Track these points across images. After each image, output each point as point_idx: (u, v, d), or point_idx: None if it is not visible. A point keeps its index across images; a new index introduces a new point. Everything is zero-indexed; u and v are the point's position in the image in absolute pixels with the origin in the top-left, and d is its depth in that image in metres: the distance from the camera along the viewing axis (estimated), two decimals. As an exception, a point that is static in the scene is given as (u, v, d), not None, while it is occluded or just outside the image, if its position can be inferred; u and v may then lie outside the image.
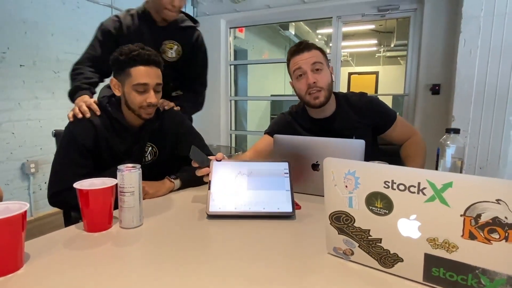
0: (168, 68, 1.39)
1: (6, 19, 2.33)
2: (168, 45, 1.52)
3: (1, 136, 2.37)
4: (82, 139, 1.04)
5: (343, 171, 0.59)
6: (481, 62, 2.58)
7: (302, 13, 3.59)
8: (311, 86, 1.17)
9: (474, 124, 2.64)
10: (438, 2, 2.92)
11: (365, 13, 3.35)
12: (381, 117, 1.26)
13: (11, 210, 0.59)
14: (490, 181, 0.47)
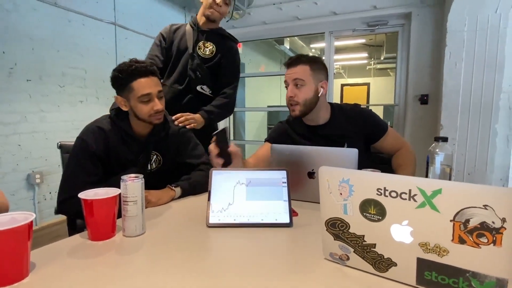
0: (199, 61, 1.68)
1: (14, 36, 2.35)
2: (206, 44, 1.73)
3: (8, 148, 2.35)
4: (94, 148, 1.06)
5: (338, 179, 0.59)
6: (466, 73, 2.61)
7: (296, 29, 3.65)
8: (289, 100, 1.24)
9: (461, 132, 2.66)
10: (424, 18, 2.98)
11: (355, 28, 3.41)
12: (373, 127, 1.28)
13: (17, 220, 0.58)
14: (477, 188, 0.47)
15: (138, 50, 3.37)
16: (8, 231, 0.54)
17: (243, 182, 0.90)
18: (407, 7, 3.02)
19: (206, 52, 1.73)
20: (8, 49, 2.32)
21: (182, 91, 1.70)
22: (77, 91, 2.83)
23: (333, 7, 3.30)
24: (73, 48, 2.76)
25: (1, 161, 2.32)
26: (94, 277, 0.59)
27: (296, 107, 1.23)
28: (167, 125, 1.22)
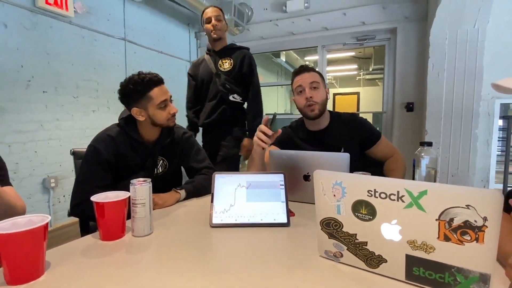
0: (224, 75, 1.90)
1: (32, 51, 2.36)
2: (224, 60, 1.94)
3: (25, 155, 2.35)
4: (105, 155, 1.06)
5: (331, 181, 0.59)
6: (448, 83, 2.63)
7: (292, 43, 3.68)
8: (308, 100, 1.23)
9: (444, 137, 2.67)
10: (408, 33, 3.01)
11: (346, 42, 3.43)
12: (367, 134, 1.29)
13: (34, 222, 0.58)
14: (460, 189, 0.47)
15: (146, 63, 3.39)
16: (26, 232, 0.53)
17: (243, 185, 0.90)
18: (393, 22, 3.05)
19: (226, 66, 1.91)
20: (26, 63, 2.33)
21: (216, 104, 1.91)
22: (90, 101, 2.83)
23: (325, 23, 3.33)
24: (86, 62, 2.78)
25: (19, 166, 2.31)
26: (105, 275, 0.59)
27: (315, 106, 1.23)
28: (172, 132, 1.22)
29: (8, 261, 0.54)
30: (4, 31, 2.19)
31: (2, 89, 2.19)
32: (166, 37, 3.68)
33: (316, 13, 3.35)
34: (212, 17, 1.84)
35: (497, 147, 2.80)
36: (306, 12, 3.40)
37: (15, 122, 2.27)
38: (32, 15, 2.35)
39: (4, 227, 0.56)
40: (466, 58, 2.56)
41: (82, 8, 2.67)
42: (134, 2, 3.22)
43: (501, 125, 2.85)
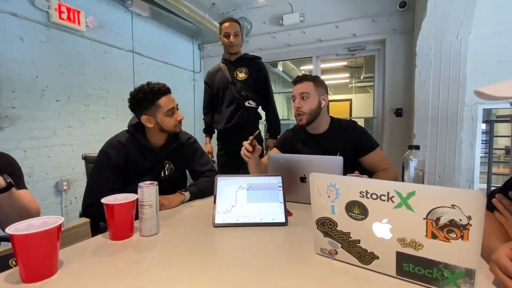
0: (240, 83, 1.95)
1: (46, 63, 2.37)
2: (239, 70, 1.98)
3: (39, 160, 2.34)
4: (115, 159, 1.06)
5: (326, 183, 0.60)
6: (434, 90, 2.64)
7: (288, 54, 3.70)
8: (297, 110, 1.26)
9: (431, 140, 2.67)
10: (396, 44, 3.03)
11: (338, 53, 3.45)
12: (363, 141, 1.26)
13: (48, 223, 0.58)
14: (445, 190, 0.47)
15: (152, 73, 3.40)
16: (41, 233, 0.53)
17: (244, 187, 0.90)
18: (382, 34, 3.07)
19: (242, 75, 1.96)
20: (41, 74, 2.34)
21: (234, 110, 1.95)
22: (100, 109, 2.84)
23: (319, 35, 3.36)
24: (97, 72, 2.78)
25: (34, 170, 2.30)
26: (115, 272, 0.58)
27: (303, 117, 1.25)
28: (178, 137, 1.22)
29: (23, 260, 0.54)
30: (20, 45, 2.20)
31: (18, 98, 2.19)
32: (171, 49, 3.70)
33: (311, 26, 3.37)
34: (231, 33, 1.86)
35: (481, 150, 2.80)
36: (301, 25, 3.42)
37: (30, 129, 2.27)
38: (46, 29, 2.36)
39: (20, 228, 0.56)
40: (450, 67, 2.58)
41: (93, 23, 2.69)
42: (141, 17, 3.24)
43: (483, 129, 2.85)
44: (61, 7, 2.40)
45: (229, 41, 1.87)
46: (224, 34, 1.87)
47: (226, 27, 1.87)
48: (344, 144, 1.26)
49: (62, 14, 2.41)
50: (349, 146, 1.25)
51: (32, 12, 2.27)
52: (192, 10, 2.95)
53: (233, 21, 1.89)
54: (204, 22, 3.21)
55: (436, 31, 2.53)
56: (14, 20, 2.16)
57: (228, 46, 1.89)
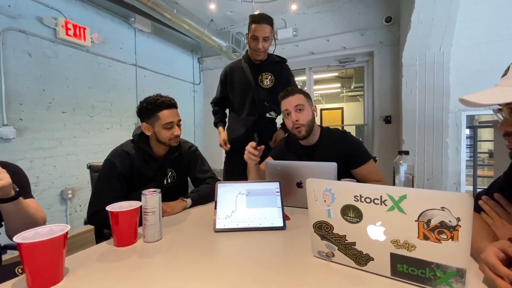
0: (264, 92, 1.63)
1: (53, 76, 2.37)
2: (264, 76, 1.64)
3: (45, 169, 2.32)
4: (120, 168, 1.05)
5: (322, 188, 0.60)
6: (420, 98, 2.68)
7: (283, 65, 3.74)
8: (295, 123, 1.18)
9: (419, 145, 2.70)
10: (384, 55, 3.09)
11: (330, 64, 3.50)
12: (355, 152, 1.20)
13: (54, 231, 0.57)
14: (435, 193, 0.48)
15: (154, 85, 3.42)
16: (47, 241, 0.52)
17: (243, 193, 0.90)
18: (370, 47, 3.13)
19: (268, 83, 1.65)
20: (48, 87, 2.33)
21: (256, 121, 1.65)
22: (104, 119, 2.83)
23: (311, 49, 3.41)
24: (101, 85, 2.79)
25: (40, 179, 2.28)
26: (120, 278, 0.57)
27: (302, 128, 1.18)
28: (180, 146, 1.22)
29: (30, 268, 0.52)
30: (28, 60, 2.21)
31: (25, 110, 2.19)
32: (172, 62, 3.73)
33: (303, 40, 3.43)
34: (260, 38, 1.50)
35: (466, 154, 2.83)
36: (294, 40, 3.47)
37: (36, 140, 2.25)
38: (53, 45, 2.37)
39: (27, 237, 0.55)
40: (435, 77, 2.62)
41: (98, 39, 2.71)
42: (144, 33, 3.27)
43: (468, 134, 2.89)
44: (68, 24, 2.42)
45: (256, 45, 1.52)
46: (252, 36, 1.53)
47: (255, 30, 1.50)
48: (335, 156, 1.17)
49: (69, 31, 2.43)
50: (341, 158, 1.18)
51: (40, 29, 2.28)
52: (192, 26, 2.99)
53: (265, 21, 1.50)
54: (203, 37, 3.24)
55: (420, 44, 2.59)
56: (22, 37, 2.17)
57: (254, 51, 1.56)
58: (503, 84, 0.58)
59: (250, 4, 2.86)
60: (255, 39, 1.51)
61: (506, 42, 2.55)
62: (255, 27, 1.50)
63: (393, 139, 3.06)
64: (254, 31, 1.50)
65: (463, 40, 2.63)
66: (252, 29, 1.51)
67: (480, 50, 2.62)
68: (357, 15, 3.16)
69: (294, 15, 3.41)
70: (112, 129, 2.91)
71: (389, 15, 2.99)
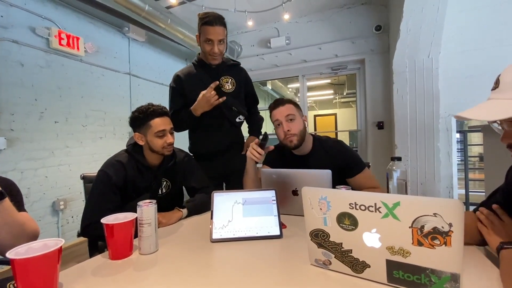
0: (229, 96, 1.45)
1: (45, 86, 2.35)
2: (224, 79, 1.49)
3: (36, 180, 2.27)
4: (114, 179, 1.04)
5: (317, 196, 0.60)
6: (411, 104, 2.74)
7: (276, 73, 3.79)
8: (286, 133, 1.17)
9: (412, 150, 2.74)
10: (375, 63, 3.16)
11: (322, 71, 3.56)
12: (350, 162, 1.19)
13: (48, 246, 0.56)
14: (427, 199, 0.49)
15: (148, 94, 3.41)
16: (41, 257, 0.52)
17: (240, 202, 0.89)
18: (361, 54, 3.20)
19: (230, 87, 1.49)
20: (40, 97, 2.31)
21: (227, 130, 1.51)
22: (98, 129, 2.80)
23: (304, 56, 3.47)
24: (94, 94, 2.78)
25: (31, 191, 2.23)
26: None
27: (293, 138, 1.17)
28: (174, 155, 1.22)
29: (24, 284, 0.51)
30: (20, 70, 2.19)
31: (17, 121, 2.16)
32: (166, 70, 3.74)
33: (296, 48, 3.49)
34: (215, 41, 1.35)
35: (457, 157, 2.88)
36: (287, 48, 3.53)
37: (28, 150, 2.22)
38: (46, 55, 2.36)
39: (20, 252, 0.54)
40: (424, 83, 2.69)
41: (92, 48, 2.71)
42: (138, 42, 3.28)
43: (458, 138, 2.95)
44: (61, 34, 2.42)
45: (211, 49, 1.36)
46: (206, 40, 1.35)
47: (209, 32, 1.33)
48: (331, 165, 1.16)
49: (62, 41, 2.42)
50: (336, 167, 1.16)
51: (33, 39, 2.27)
52: (186, 35, 3.01)
53: (218, 23, 1.33)
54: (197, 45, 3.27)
55: (410, 51, 2.66)
56: (15, 47, 2.15)
57: (209, 55, 1.39)
58: (496, 97, 0.57)
59: (244, 14, 2.90)
60: (210, 43, 1.35)
61: (491, 49, 2.64)
62: (208, 29, 1.33)
63: (386, 145, 3.10)
64: (207, 33, 1.33)
65: (450, 47, 2.72)
66: (204, 31, 1.34)
67: (467, 57, 2.71)
68: (348, 24, 3.24)
69: (287, 24, 3.48)
70: (106, 138, 2.88)
71: (379, 23, 3.07)
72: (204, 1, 2.76)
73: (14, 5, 2.15)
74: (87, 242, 1.11)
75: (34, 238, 0.82)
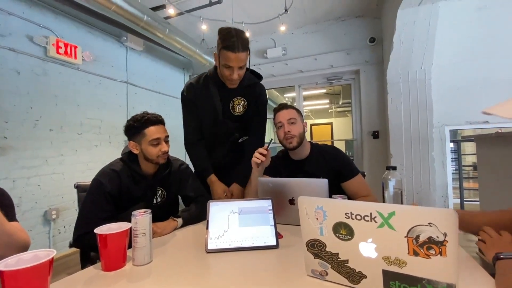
0: (235, 120, 1.36)
1: (41, 94, 2.34)
2: (236, 101, 1.35)
3: (28, 189, 2.23)
4: (109, 189, 1.03)
5: (313, 206, 0.60)
6: (405, 114, 2.79)
7: (273, 83, 3.83)
8: (287, 134, 1.23)
9: (407, 159, 2.76)
10: (369, 73, 3.22)
11: (318, 82, 3.62)
12: (345, 167, 1.25)
13: (39, 257, 0.55)
14: (422, 209, 0.49)
15: (145, 102, 3.42)
16: (32, 268, 0.50)
17: (236, 211, 0.89)
18: (356, 65, 3.26)
19: (240, 110, 1.36)
20: (35, 105, 2.30)
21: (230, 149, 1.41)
22: (93, 137, 2.79)
23: (300, 67, 3.52)
24: (91, 102, 2.77)
25: (22, 200, 2.18)
26: (107, 306, 0.55)
27: (293, 139, 1.23)
28: (170, 163, 1.21)
29: (12, 297, 0.50)
30: (16, 78, 2.18)
31: (10, 128, 2.13)
32: (163, 79, 3.77)
33: (292, 59, 3.55)
34: (235, 68, 1.18)
35: (452, 167, 2.91)
36: (283, 58, 3.59)
37: (20, 159, 2.19)
38: (43, 63, 2.36)
39: (10, 264, 0.52)
40: (418, 93, 2.75)
41: (89, 57, 2.72)
42: (135, 51, 3.31)
43: (452, 147, 2.99)
44: (59, 42, 2.43)
45: (230, 75, 1.21)
46: (225, 65, 1.19)
47: (230, 59, 1.15)
48: (325, 170, 1.25)
49: (60, 49, 2.43)
50: (332, 171, 1.24)
51: (30, 47, 2.28)
52: (183, 45, 3.05)
53: (241, 49, 1.15)
54: (195, 55, 3.31)
55: (403, 63, 2.72)
56: (11, 55, 2.16)
57: (227, 80, 1.25)
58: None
59: (241, 25, 2.96)
60: (229, 69, 1.19)
61: (480, 61, 2.72)
62: (229, 56, 1.15)
63: (381, 154, 3.13)
64: (227, 60, 1.16)
65: (442, 59, 2.79)
66: (225, 56, 1.16)
67: (459, 69, 2.78)
68: (343, 36, 3.32)
69: (283, 35, 3.55)
70: (101, 146, 2.86)
71: (373, 36, 3.15)
72: (202, 12, 2.81)
73: (12, 14, 2.16)
74: (79, 253, 1.09)
75: (24, 249, 0.80)
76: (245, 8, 2.99)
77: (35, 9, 2.32)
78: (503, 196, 1.68)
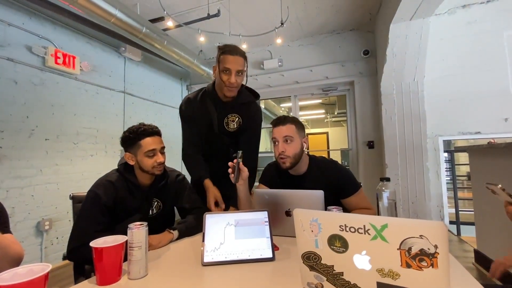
0: (229, 136, 1.38)
1: (37, 104, 2.35)
2: (231, 117, 1.38)
3: (22, 199, 2.20)
4: (104, 200, 1.02)
5: (309, 219, 0.61)
6: (399, 124, 2.83)
7: (269, 93, 3.88)
8: (281, 154, 1.17)
9: (402, 169, 2.79)
10: (363, 85, 3.29)
11: (313, 92, 3.68)
12: (345, 183, 1.19)
13: (34, 272, 0.55)
14: (413, 221, 0.50)
15: (142, 112, 3.43)
16: (27, 283, 0.50)
17: (232, 223, 0.89)
18: (350, 77, 3.33)
19: (234, 126, 1.39)
20: (31, 114, 2.30)
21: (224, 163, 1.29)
22: (89, 146, 2.77)
23: (296, 78, 3.59)
24: (87, 111, 2.77)
25: (15, 210, 2.15)
26: (102, 321, 0.54)
27: (286, 160, 1.16)
28: (166, 175, 1.21)
29: (6, 313, 0.49)
30: (14, 87, 2.19)
31: (6, 138, 2.12)
32: (161, 89, 3.79)
33: (288, 70, 3.61)
34: (233, 71, 1.24)
35: (446, 177, 2.95)
36: (280, 69, 3.66)
37: (15, 168, 2.16)
38: (41, 73, 2.38)
39: (5, 278, 0.52)
40: (411, 104, 2.80)
41: (87, 67, 2.75)
42: (133, 61, 3.35)
43: (446, 157, 3.03)
44: (58, 53, 2.45)
45: (228, 79, 1.25)
46: (224, 69, 1.25)
47: (228, 61, 1.24)
48: (326, 185, 1.16)
49: (58, 59, 2.46)
50: (331, 187, 1.16)
51: (29, 58, 2.30)
52: (181, 56, 3.10)
53: (238, 54, 1.25)
54: (193, 66, 3.36)
55: (396, 75, 2.79)
56: (9, 65, 2.17)
57: (225, 86, 1.28)
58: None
59: (238, 37, 3.02)
60: (227, 72, 1.25)
61: (470, 75, 2.80)
62: (228, 58, 1.24)
63: (377, 164, 3.16)
64: (226, 62, 1.24)
65: (434, 72, 2.87)
66: (223, 60, 1.24)
67: (449, 81, 2.86)
68: (338, 48, 3.40)
69: (279, 47, 3.62)
70: (97, 156, 2.84)
71: (367, 48, 3.24)
72: (200, 25, 2.87)
73: (12, 25, 2.19)
74: (72, 266, 1.07)
75: (18, 261, 0.79)
76: (242, 21, 3.06)
77: (35, 20, 2.35)
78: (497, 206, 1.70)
